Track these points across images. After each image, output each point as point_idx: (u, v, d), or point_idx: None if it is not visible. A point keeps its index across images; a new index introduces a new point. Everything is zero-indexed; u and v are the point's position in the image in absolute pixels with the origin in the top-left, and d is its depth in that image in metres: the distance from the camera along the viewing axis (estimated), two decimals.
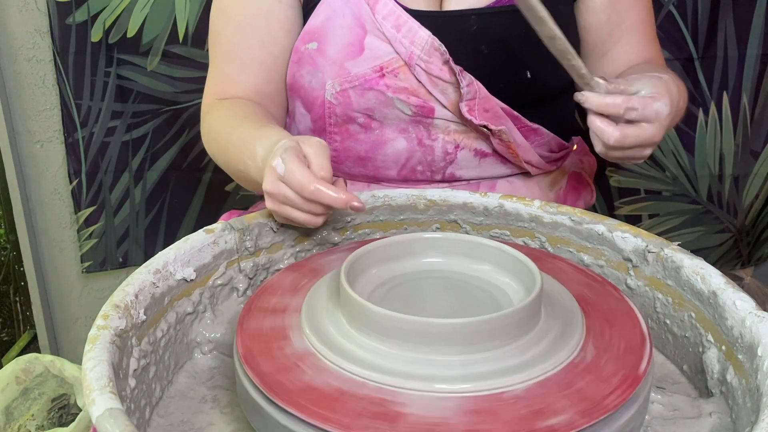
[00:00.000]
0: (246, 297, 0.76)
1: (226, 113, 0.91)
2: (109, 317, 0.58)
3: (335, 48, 0.91)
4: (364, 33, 0.90)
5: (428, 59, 0.89)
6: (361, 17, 0.90)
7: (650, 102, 0.77)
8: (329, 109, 0.94)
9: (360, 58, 0.91)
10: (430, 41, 0.89)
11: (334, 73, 0.92)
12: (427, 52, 0.89)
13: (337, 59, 0.91)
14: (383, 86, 0.91)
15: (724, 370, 0.61)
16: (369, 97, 0.92)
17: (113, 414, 0.48)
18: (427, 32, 0.89)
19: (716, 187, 1.55)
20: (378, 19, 0.89)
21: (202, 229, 0.73)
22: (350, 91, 0.92)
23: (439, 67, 0.89)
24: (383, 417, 0.51)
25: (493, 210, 0.81)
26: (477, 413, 0.51)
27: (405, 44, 0.89)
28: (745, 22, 1.43)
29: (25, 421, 1.45)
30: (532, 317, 0.58)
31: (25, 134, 1.62)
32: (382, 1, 0.90)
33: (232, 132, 0.87)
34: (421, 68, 0.90)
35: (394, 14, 0.89)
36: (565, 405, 0.52)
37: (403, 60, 0.90)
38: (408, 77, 0.91)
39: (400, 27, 0.89)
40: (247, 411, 0.58)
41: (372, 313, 0.56)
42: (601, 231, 0.74)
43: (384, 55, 0.90)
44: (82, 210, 1.63)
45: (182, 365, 0.71)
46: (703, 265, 0.65)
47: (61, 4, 1.47)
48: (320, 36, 0.91)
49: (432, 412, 0.51)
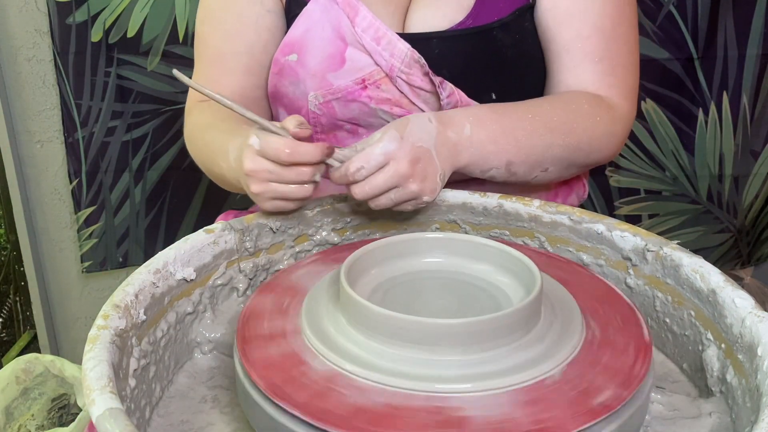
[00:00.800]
0: (246, 297, 0.76)
1: (204, 117, 0.92)
2: (109, 317, 0.58)
3: (315, 60, 0.91)
4: (344, 45, 0.90)
5: (409, 71, 0.89)
6: (341, 29, 0.89)
7: (371, 151, 0.74)
8: (314, 118, 0.94)
9: (342, 71, 0.90)
10: (410, 54, 0.88)
11: (316, 84, 0.92)
12: (407, 64, 0.88)
13: (318, 71, 0.91)
14: (366, 98, 0.91)
15: (723, 368, 0.61)
16: (353, 107, 0.92)
17: (113, 414, 0.48)
18: (406, 45, 0.88)
19: (716, 187, 1.56)
20: (357, 31, 0.89)
21: (202, 229, 0.73)
22: (333, 102, 0.92)
23: (420, 78, 0.89)
24: (449, 424, 0.50)
25: (493, 210, 0.81)
26: (532, 403, 0.52)
27: (385, 57, 0.89)
28: (745, 22, 1.44)
29: (25, 421, 1.45)
30: (534, 315, 0.58)
31: (25, 134, 1.62)
32: (361, 14, 0.89)
33: (206, 135, 0.88)
34: (403, 80, 0.89)
35: (373, 27, 0.89)
36: (603, 381, 0.54)
37: (384, 72, 0.90)
38: (390, 88, 0.90)
39: (380, 39, 0.89)
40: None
41: (384, 317, 0.56)
42: (601, 230, 0.74)
43: (365, 67, 0.90)
44: (82, 210, 1.63)
45: (182, 365, 0.71)
46: (702, 264, 0.65)
47: (61, 4, 1.47)
48: (300, 48, 0.91)
49: (491, 410, 0.52)
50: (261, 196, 0.74)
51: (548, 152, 0.84)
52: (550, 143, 0.84)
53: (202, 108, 0.94)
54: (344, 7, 0.89)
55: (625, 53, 0.91)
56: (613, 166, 1.57)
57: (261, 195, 0.74)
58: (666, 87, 1.49)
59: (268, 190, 0.73)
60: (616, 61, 0.90)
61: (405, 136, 0.75)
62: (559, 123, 0.84)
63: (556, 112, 0.85)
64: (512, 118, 0.83)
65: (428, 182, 0.76)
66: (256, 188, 0.73)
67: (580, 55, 0.90)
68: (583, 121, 0.86)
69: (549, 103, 0.87)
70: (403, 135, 0.75)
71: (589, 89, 0.90)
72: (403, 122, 0.77)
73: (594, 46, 0.90)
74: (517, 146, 0.82)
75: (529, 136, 0.83)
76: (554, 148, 0.84)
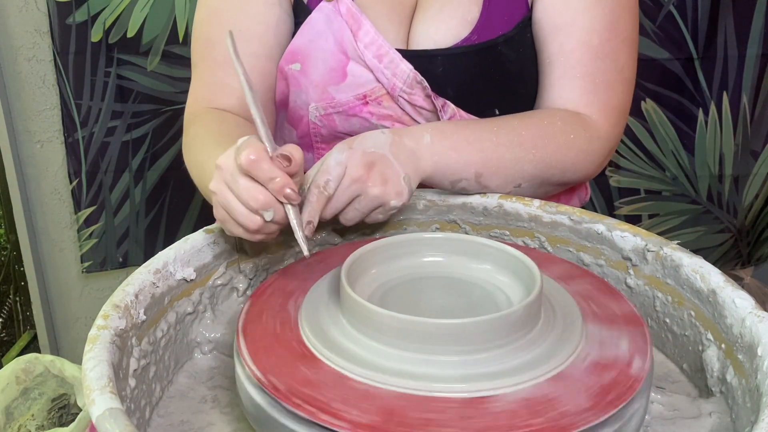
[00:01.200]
0: (246, 297, 0.76)
1: (208, 133, 0.85)
2: (109, 317, 0.58)
3: (318, 71, 0.90)
4: (346, 59, 0.89)
5: (411, 91, 0.88)
6: (344, 43, 0.88)
7: (327, 163, 0.71)
8: (314, 129, 0.94)
9: (343, 84, 0.89)
10: (412, 75, 0.87)
11: (318, 96, 0.91)
12: (410, 84, 0.88)
13: (320, 83, 0.90)
14: (367, 113, 0.90)
15: (723, 368, 0.61)
16: (354, 122, 0.91)
17: (113, 414, 0.48)
18: (408, 66, 0.87)
19: (716, 187, 1.56)
20: (360, 47, 0.88)
21: (202, 229, 0.73)
22: (335, 115, 0.92)
23: (422, 98, 0.89)
24: (449, 424, 0.51)
25: (493, 210, 0.81)
26: (532, 403, 0.52)
27: (387, 75, 0.88)
28: (745, 22, 1.44)
29: (25, 421, 1.45)
30: (534, 316, 0.58)
31: (25, 134, 1.62)
32: (363, 29, 0.88)
33: (204, 161, 0.80)
34: (405, 99, 0.89)
35: (375, 43, 0.88)
36: (603, 381, 0.54)
37: (385, 89, 0.89)
38: (392, 105, 0.90)
39: (382, 57, 0.88)
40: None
41: (385, 317, 0.56)
42: (601, 230, 0.74)
43: (367, 83, 0.89)
44: (82, 210, 1.63)
45: (182, 365, 0.71)
46: (702, 264, 0.65)
47: (61, 4, 1.48)
48: (303, 57, 0.90)
49: (491, 410, 0.52)
50: (215, 196, 0.67)
51: (518, 166, 0.81)
52: (519, 157, 0.81)
53: (206, 121, 0.89)
54: (347, 19, 0.88)
55: (611, 71, 0.88)
56: (613, 166, 1.57)
57: (215, 194, 0.67)
58: (666, 87, 1.50)
59: (220, 195, 0.66)
60: (600, 79, 0.87)
61: (354, 146, 0.73)
62: (528, 137, 0.82)
63: (526, 127, 0.82)
64: (476, 129, 0.81)
65: (390, 185, 0.73)
66: (214, 185, 0.67)
67: (561, 69, 0.88)
68: (554, 138, 0.83)
69: (519, 119, 0.84)
70: (352, 145, 0.73)
71: (567, 106, 0.87)
72: (354, 137, 0.76)
73: (576, 61, 0.87)
74: (484, 157, 0.79)
75: (495, 147, 0.80)
76: (524, 163, 0.81)
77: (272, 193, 0.64)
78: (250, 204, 0.64)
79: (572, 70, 0.87)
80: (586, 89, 0.87)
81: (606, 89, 0.88)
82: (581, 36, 0.87)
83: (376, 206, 0.74)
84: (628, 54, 0.89)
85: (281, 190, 0.63)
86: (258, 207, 0.64)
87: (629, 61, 0.90)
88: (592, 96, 0.87)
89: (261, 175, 0.63)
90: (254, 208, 0.64)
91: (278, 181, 0.63)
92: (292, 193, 0.64)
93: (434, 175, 0.79)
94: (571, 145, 0.84)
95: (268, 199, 0.64)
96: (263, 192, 0.64)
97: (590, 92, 0.87)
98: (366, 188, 0.72)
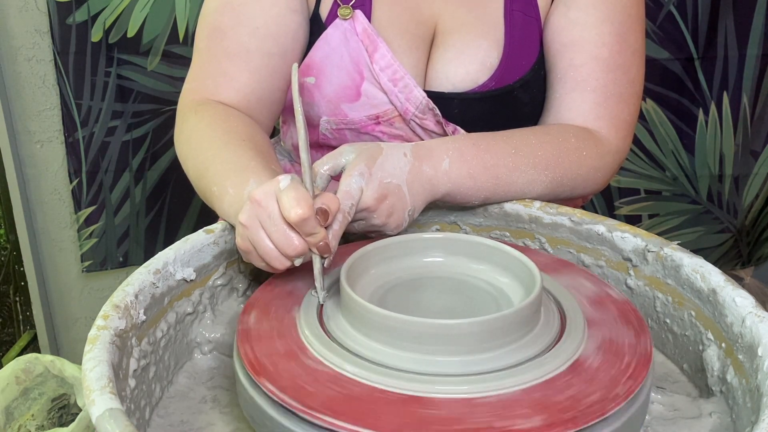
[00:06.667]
0: (246, 297, 0.76)
1: (212, 129, 0.83)
2: (109, 317, 0.58)
3: (332, 87, 0.90)
4: (361, 79, 0.89)
5: (423, 116, 0.90)
6: (359, 63, 0.89)
7: (349, 184, 0.71)
8: (323, 139, 0.94)
9: (357, 104, 0.90)
10: (425, 102, 0.88)
11: (330, 111, 0.91)
12: (422, 110, 0.89)
13: (333, 99, 0.90)
14: (378, 132, 0.92)
15: (724, 368, 0.61)
16: (364, 138, 0.92)
17: (113, 414, 0.48)
18: (421, 93, 0.88)
19: (716, 187, 1.56)
20: (375, 69, 0.88)
21: (202, 229, 0.73)
22: (346, 131, 0.92)
23: (434, 123, 0.90)
24: (449, 424, 0.51)
25: (493, 211, 0.81)
26: (532, 403, 0.52)
27: (401, 99, 0.89)
28: (745, 22, 1.44)
29: (25, 421, 1.45)
30: (534, 316, 0.58)
31: (25, 134, 1.62)
32: (380, 51, 0.88)
33: (209, 159, 0.80)
34: (416, 123, 0.90)
35: (391, 67, 0.88)
36: (603, 381, 0.54)
37: (398, 112, 0.90)
38: (403, 126, 0.91)
39: (397, 81, 0.88)
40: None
41: (385, 318, 0.56)
42: (601, 231, 0.74)
43: (380, 105, 0.90)
44: (82, 210, 1.63)
45: (182, 365, 0.71)
46: (703, 264, 0.65)
47: (61, 4, 1.47)
48: (318, 72, 0.90)
49: (491, 410, 0.51)
50: (245, 229, 0.66)
51: (528, 188, 0.81)
52: (531, 180, 0.80)
53: (205, 113, 0.87)
54: (363, 39, 0.88)
55: (623, 83, 0.87)
56: None
57: (246, 228, 0.66)
58: (666, 87, 1.50)
59: (253, 227, 0.65)
60: (611, 92, 0.87)
61: (374, 171, 0.73)
62: (542, 158, 0.81)
63: (543, 146, 0.82)
64: (496, 153, 0.80)
65: (394, 218, 0.74)
66: (245, 218, 0.66)
67: (572, 83, 0.88)
68: (568, 156, 0.82)
69: (536, 136, 0.83)
70: (372, 170, 0.72)
71: (577, 120, 0.87)
72: (375, 153, 0.74)
73: (586, 75, 0.87)
74: (497, 183, 0.79)
75: (510, 173, 0.79)
76: (535, 185, 0.81)
77: (307, 243, 0.65)
78: (286, 251, 0.65)
79: (583, 83, 0.87)
80: (597, 102, 0.87)
81: (617, 102, 0.88)
82: (591, 50, 0.87)
83: (372, 231, 0.75)
84: (638, 66, 0.89)
85: (317, 244, 0.64)
86: (293, 255, 0.65)
87: (639, 74, 0.90)
88: (602, 109, 0.87)
89: (305, 229, 0.63)
90: (289, 255, 0.65)
91: (318, 236, 0.64)
92: (325, 246, 0.65)
93: (444, 198, 0.79)
94: (583, 163, 0.84)
95: (305, 249, 0.65)
96: (301, 242, 0.64)
97: (601, 105, 0.87)
98: (370, 217, 0.73)
